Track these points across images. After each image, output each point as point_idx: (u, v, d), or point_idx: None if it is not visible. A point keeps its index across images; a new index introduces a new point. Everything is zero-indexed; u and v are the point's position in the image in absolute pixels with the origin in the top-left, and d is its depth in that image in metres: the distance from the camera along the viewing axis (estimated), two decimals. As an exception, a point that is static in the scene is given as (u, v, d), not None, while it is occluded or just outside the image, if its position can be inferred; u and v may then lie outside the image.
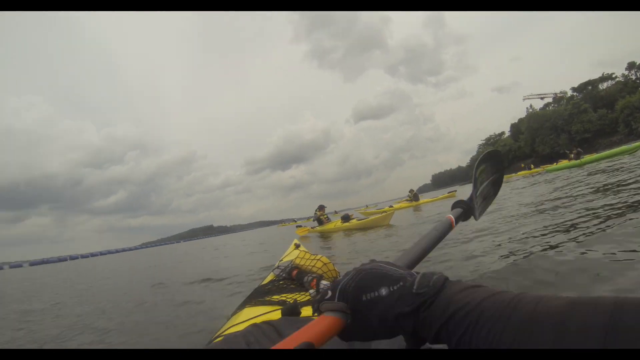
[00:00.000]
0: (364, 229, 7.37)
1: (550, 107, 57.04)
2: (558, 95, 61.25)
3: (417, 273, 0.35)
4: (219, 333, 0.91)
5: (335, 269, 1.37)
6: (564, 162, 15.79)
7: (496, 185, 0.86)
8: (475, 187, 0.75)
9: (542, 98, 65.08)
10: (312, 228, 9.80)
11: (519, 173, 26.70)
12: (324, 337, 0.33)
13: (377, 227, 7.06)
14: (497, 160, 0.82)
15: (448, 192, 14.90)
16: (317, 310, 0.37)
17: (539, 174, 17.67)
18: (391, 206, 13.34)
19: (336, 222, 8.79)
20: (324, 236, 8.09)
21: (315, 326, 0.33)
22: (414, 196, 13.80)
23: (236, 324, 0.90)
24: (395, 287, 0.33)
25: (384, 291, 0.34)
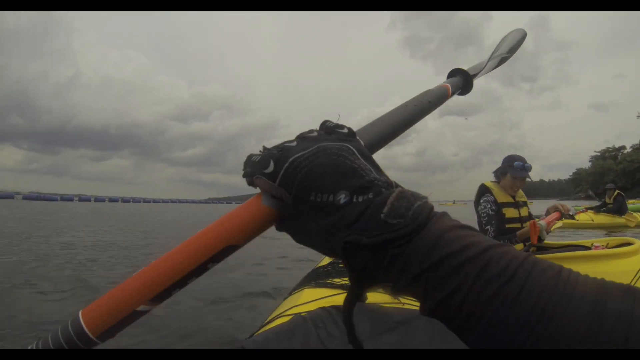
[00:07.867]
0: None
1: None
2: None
3: (394, 185, 0.22)
4: (279, 312, 0.84)
5: None
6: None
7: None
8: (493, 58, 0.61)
9: (660, 118, 58.32)
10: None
11: None
12: (250, 233, 0.25)
13: None
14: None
15: None
16: (250, 181, 0.25)
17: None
18: (572, 215, 6.16)
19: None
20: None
21: (241, 217, 0.24)
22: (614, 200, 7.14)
23: (299, 305, 0.84)
24: (360, 199, 0.21)
25: (342, 197, 0.21)
